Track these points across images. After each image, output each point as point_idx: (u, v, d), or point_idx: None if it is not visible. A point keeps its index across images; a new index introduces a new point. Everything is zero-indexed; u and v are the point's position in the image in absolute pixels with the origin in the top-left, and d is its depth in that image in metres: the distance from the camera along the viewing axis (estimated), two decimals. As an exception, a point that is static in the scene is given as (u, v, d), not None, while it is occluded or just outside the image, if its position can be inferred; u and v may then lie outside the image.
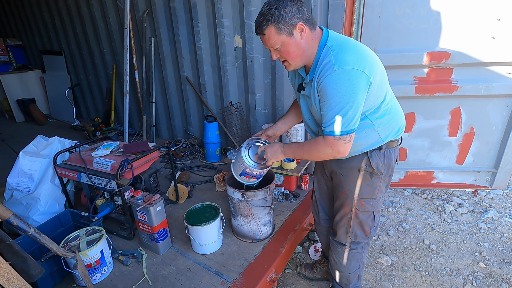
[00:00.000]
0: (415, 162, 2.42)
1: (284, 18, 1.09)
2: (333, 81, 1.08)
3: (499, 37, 1.92)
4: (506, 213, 2.61)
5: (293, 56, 1.18)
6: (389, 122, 1.27)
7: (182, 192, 2.26)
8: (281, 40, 1.14)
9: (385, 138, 1.28)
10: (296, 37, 1.13)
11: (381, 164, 1.30)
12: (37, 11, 4.41)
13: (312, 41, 1.17)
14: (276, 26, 1.11)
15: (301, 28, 1.12)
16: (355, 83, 1.07)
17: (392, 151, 1.33)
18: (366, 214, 1.41)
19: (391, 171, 1.37)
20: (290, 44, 1.15)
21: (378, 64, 1.18)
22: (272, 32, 1.13)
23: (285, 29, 1.11)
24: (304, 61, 1.21)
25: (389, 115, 1.26)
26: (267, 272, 1.60)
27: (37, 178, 2.01)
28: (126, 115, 2.82)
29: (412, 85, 2.14)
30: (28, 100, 4.65)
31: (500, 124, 2.17)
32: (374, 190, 1.36)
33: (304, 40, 1.15)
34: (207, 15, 2.70)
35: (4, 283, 0.85)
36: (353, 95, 1.08)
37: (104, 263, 1.56)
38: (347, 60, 1.08)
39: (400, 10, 1.98)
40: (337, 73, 1.07)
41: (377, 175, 1.32)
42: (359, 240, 1.47)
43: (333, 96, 1.10)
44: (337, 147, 1.17)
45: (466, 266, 2.08)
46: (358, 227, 1.44)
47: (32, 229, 1.09)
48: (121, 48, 3.49)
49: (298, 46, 1.15)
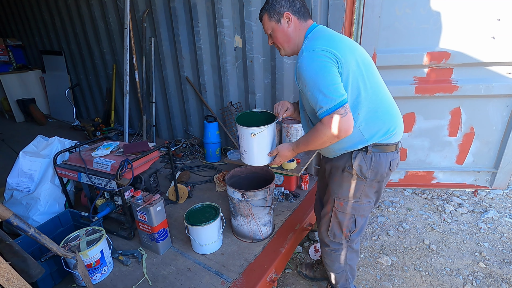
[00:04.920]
0: (415, 162, 2.42)
1: (275, 7, 1.26)
2: (303, 64, 1.16)
3: (499, 37, 1.92)
4: (506, 213, 2.61)
5: (280, 41, 1.32)
6: (374, 121, 1.22)
7: (182, 192, 2.26)
8: (271, 26, 1.30)
9: (369, 138, 1.23)
10: (283, 24, 1.28)
11: (366, 168, 1.26)
12: (37, 11, 4.41)
13: (300, 31, 1.29)
14: (268, 14, 1.28)
15: (288, 17, 1.26)
16: (322, 60, 1.13)
17: (383, 156, 1.27)
18: (346, 216, 1.39)
19: (380, 177, 1.30)
20: (278, 30, 1.29)
21: (356, 52, 1.21)
22: (265, 18, 1.30)
23: (274, 16, 1.27)
24: (291, 48, 1.33)
25: (374, 113, 1.22)
26: (267, 272, 1.60)
27: (37, 178, 2.01)
28: (126, 115, 2.82)
29: (412, 85, 2.14)
30: (28, 100, 4.65)
31: (500, 124, 2.17)
32: (356, 192, 1.33)
33: (291, 28, 1.28)
34: (207, 15, 2.70)
35: (4, 283, 0.85)
36: (324, 69, 1.12)
37: (104, 263, 1.56)
38: (315, 44, 1.17)
39: (400, 10, 1.98)
40: (305, 56, 1.16)
41: (360, 178, 1.29)
42: (338, 241, 1.47)
43: (307, 77, 1.15)
44: (335, 125, 1.13)
45: (466, 266, 2.08)
46: (337, 227, 1.43)
47: (32, 229, 1.09)
48: (121, 48, 3.49)
49: (284, 33, 1.29)
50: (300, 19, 1.28)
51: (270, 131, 1.43)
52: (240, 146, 1.50)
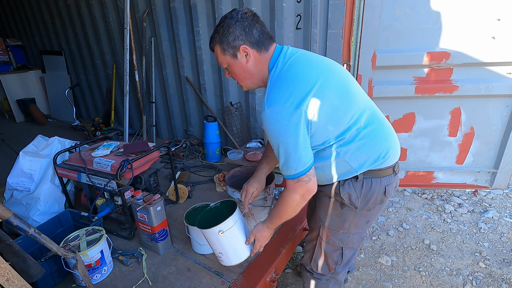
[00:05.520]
0: (415, 162, 2.42)
1: (227, 39, 1.05)
2: (265, 122, 1.02)
3: (499, 37, 1.92)
4: (506, 213, 2.61)
5: (240, 78, 1.15)
6: (361, 149, 1.07)
7: (182, 192, 2.26)
8: (227, 60, 1.10)
9: (358, 167, 1.09)
10: (240, 59, 1.08)
11: (355, 196, 1.12)
12: (37, 11, 4.41)
13: (262, 64, 1.10)
14: (221, 46, 1.07)
15: (245, 51, 1.06)
16: (286, 122, 0.98)
17: (376, 183, 1.11)
18: (332, 247, 1.26)
19: (372, 205, 1.15)
20: (235, 66, 1.10)
21: (331, 81, 1.04)
22: (218, 51, 1.10)
23: (229, 50, 1.07)
24: (255, 83, 1.16)
25: (360, 140, 1.07)
26: (267, 272, 1.59)
27: (37, 178, 2.01)
28: (126, 115, 2.82)
29: (412, 85, 2.14)
30: (28, 100, 4.64)
31: (500, 124, 2.17)
32: (343, 223, 1.19)
33: (251, 63, 1.09)
34: (207, 15, 2.70)
35: (4, 283, 0.85)
36: (288, 135, 0.99)
37: (104, 263, 1.56)
38: (277, 98, 0.99)
39: (400, 10, 1.98)
40: (267, 114, 1.00)
41: (348, 208, 1.16)
42: (322, 273, 1.34)
43: (270, 137, 1.04)
44: (301, 190, 1.05)
45: (466, 266, 2.08)
46: (322, 258, 1.30)
47: (32, 229, 1.09)
48: (121, 48, 3.49)
49: (243, 69, 1.10)
50: (260, 51, 1.08)
51: (237, 219, 1.30)
52: (214, 249, 1.37)
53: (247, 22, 1.04)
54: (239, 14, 1.05)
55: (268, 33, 1.10)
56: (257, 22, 1.07)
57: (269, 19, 2.37)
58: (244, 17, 1.04)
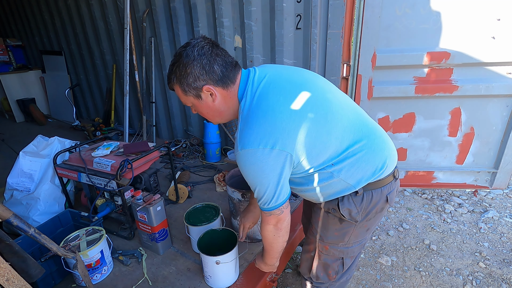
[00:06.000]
0: (415, 162, 2.42)
1: (187, 80, 0.94)
2: (240, 163, 0.97)
3: (499, 37, 1.92)
4: (506, 213, 2.61)
5: (209, 117, 1.07)
6: (356, 165, 1.01)
7: (182, 192, 2.26)
8: (190, 101, 1.01)
9: (356, 184, 1.02)
10: (205, 99, 0.99)
11: (356, 212, 1.06)
12: (37, 11, 4.41)
13: (231, 98, 1.01)
14: (181, 87, 0.97)
15: (209, 91, 0.96)
16: (261, 165, 0.93)
17: (377, 193, 1.06)
18: (332, 258, 1.22)
19: (373, 215, 1.10)
20: (201, 107, 1.01)
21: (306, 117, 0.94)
22: (179, 91, 0.99)
23: (191, 91, 0.97)
24: (228, 118, 1.08)
25: (353, 157, 1.00)
26: (267, 272, 1.59)
27: (37, 178, 2.01)
28: (126, 115, 2.82)
29: (412, 85, 2.14)
30: (28, 100, 4.64)
31: (500, 124, 2.17)
32: (343, 237, 1.14)
33: (218, 101, 0.99)
34: (207, 15, 2.70)
35: (4, 283, 0.85)
36: (263, 176, 0.95)
37: (104, 263, 1.56)
38: (250, 140, 0.92)
39: (400, 10, 1.98)
40: (241, 156, 0.94)
41: (348, 222, 1.10)
42: (321, 281, 1.30)
43: (245, 177, 1.00)
44: (272, 221, 1.05)
45: (466, 266, 2.08)
46: (321, 269, 1.26)
47: (32, 229, 1.09)
48: (121, 48, 3.49)
49: (210, 109, 1.02)
50: (227, 87, 0.98)
51: (235, 255, 1.45)
52: (205, 271, 1.49)
53: (206, 59, 0.93)
54: (195, 51, 0.93)
55: (232, 62, 1.00)
56: (217, 55, 0.96)
57: (269, 19, 2.37)
58: (201, 53, 0.93)
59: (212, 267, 1.42)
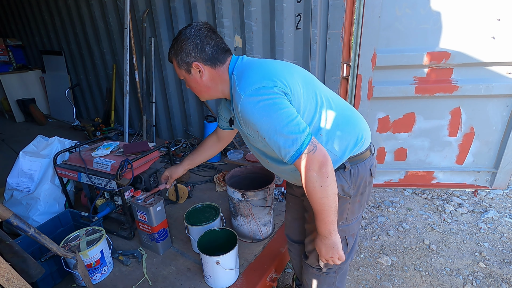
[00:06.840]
0: (415, 162, 2.42)
1: (181, 55, 1.08)
2: (247, 109, 0.98)
3: (499, 37, 1.92)
4: (506, 213, 2.61)
5: (197, 91, 1.18)
6: (339, 135, 1.11)
7: (182, 192, 2.26)
8: (182, 74, 1.14)
9: (342, 154, 1.10)
10: (194, 75, 1.11)
11: (348, 186, 1.13)
12: (37, 11, 4.41)
13: (219, 76, 1.12)
14: (176, 61, 1.11)
15: (198, 68, 1.09)
16: (267, 98, 0.96)
17: (362, 167, 1.15)
18: None
19: (363, 189, 1.19)
20: (190, 81, 1.14)
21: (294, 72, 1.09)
22: (174, 63, 1.13)
23: (183, 65, 1.10)
24: (214, 95, 1.17)
25: (336, 127, 1.10)
26: (267, 272, 1.60)
27: (37, 178, 2.01)
28: (126, 115, 2.82)
29: (412, 85, 2.14)
30: (28, 100, 4.65)
31: (500, 124, 2.17)
32: (341, 214, 1.18)
33: (205, 78, 1.11)
34: (207, 15, 2.70)
35: (4, 283, 0.85)
36: (274, 107, 0.96)
37: (104, 263, 1.56)
38: (249, 82, 1.00)
39: (400, 10, 1.98)
40: (246, 100, 0.98)
41: (343, 198, 1.15)
42: (330, 266, 1.32)
43: (258, 122, 0.98)
44: (312, 164, 0.94)
45: (466, 266, 2.08)
46: None
47: (32, 229, 1.09)
48: (121, 48, 3.49)
49: (198, 84, 1.13)
50: (215, 67, 1.10)
51: (235, 255, 1.48)
52: (204, 271, 1.50)
53: (199, 39, 1.06)
54: (192, 31, 1.06)
55: (224, 47, 1.11)
56: (211, 38, 1.08)
57: (269, 19, 2.37)
58: (197, 34, 1.06)
59: (212, 267, 1.43)
